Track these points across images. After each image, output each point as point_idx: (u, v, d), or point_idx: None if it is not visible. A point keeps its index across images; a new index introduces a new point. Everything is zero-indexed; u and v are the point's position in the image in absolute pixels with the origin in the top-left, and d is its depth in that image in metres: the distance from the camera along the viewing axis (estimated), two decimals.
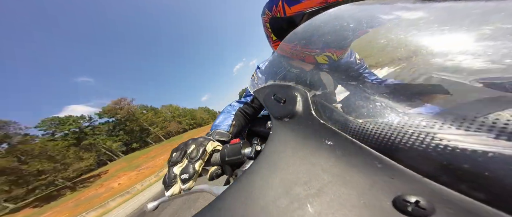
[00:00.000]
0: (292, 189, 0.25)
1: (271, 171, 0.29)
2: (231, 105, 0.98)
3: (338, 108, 0.32)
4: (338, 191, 0.22)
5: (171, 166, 0.49)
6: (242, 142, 0.48)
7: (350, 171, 0.23)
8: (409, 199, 0.18)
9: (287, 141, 0.32)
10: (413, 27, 0.29)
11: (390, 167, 0.21)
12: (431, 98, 0.23)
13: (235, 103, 0.99)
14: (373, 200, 0.20)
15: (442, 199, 0.17)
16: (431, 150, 0.18)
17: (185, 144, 0.51)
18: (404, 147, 0.20)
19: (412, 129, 0.20)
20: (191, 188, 0.47)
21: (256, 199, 0.26)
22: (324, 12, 0.51)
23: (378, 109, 0.25)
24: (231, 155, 0.47)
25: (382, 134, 0.22)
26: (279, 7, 0.78)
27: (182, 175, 0.46)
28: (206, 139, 0.53)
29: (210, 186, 0.47)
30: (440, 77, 0.22)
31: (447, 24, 0.26)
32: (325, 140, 0.27)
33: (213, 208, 0.28)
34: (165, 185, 0.47)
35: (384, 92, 0.26)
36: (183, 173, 0.46)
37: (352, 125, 0.26)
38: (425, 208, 0.17)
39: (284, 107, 0.38)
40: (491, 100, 0.19)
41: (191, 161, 0.47)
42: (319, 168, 0.25)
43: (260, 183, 0.28)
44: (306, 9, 0.71)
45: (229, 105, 0.99)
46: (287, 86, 0.44)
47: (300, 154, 0.29)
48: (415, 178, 0.19)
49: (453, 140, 0.18)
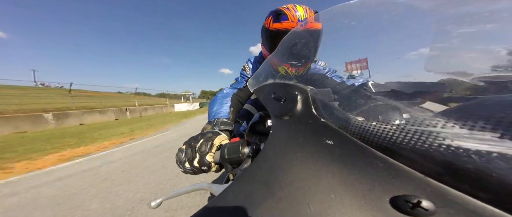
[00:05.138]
0: (292, 188, 0.24)
1: (270, 170, 0.28)
2: (224, 92, 1.03)
3: (338, 107, 0.32)
4: (338, 191, 0.22)
5: (183, 161, 0.53)
6: (241, 141, 0.47)
7: (350, 171, 0.23)
8: (410, 199, 0.18)
9: (287, 140, 0.32)
10: (415, 26, 0.29)
11: (391, 166, 0.21)
12: (434, 97, 0.22)
13: (228, 90, 1.06)
14: (374, 200, 0.20)
15: (444, 199, 0.17)
16: (434, 150, 0.18)
17: (195, 139, 0.55)
18: (405, 147, 0.20)
19: (414, 128, 0.20)
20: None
21: (255, 198, 0.26)
22: (292, 31, 0.60)
23: (379, 108, 0.25)
24: (230, 154, 0.47)
25: (383, 133, 0.22)
26: (268, 20, 0.94)
27: (194, 168, 0.51)
28: (214, 134, 0.56)
29: (210, 184, 0.47)
30: (443, 76, 0.22)
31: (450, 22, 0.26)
32: (325, 139, 0.27)
33: (213, 207, 0.28)
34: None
35: (385, 91, 0.26)
36: (194, 166, 0.51)
37: (353, 124, 0.26)
38: (427, 208, 0.17)
39: (284, 106, 0.38)
40: (495, 100, 0.19)
41: (201, 154, 0.51)
42: (319, 167, 0.25)
43: (259, 182, 0.28)
44: (283, 29, 0.87)
45: (221, 92, 1.04)
46: (287, 84, 0.43)
47: (300, 153, 0.28)
48: (417, 178, 0.19)
49: (457, 140, 0.17)
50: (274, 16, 0.90)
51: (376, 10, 0.40)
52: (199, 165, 0.51)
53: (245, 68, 1.16)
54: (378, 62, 0.35)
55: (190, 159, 0.52)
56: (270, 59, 0.61)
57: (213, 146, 0.52)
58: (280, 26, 0.89)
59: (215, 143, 0.53)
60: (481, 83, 0.20)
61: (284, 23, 0.87)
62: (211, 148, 0.52)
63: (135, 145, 5.47)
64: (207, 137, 0.54)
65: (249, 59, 1.19)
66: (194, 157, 0.51)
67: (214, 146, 0.52)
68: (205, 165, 0.50)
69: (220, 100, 0.94)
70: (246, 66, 1.17)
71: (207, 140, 0.53)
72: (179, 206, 2.14)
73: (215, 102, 0.93)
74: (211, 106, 0.92)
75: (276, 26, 0.90)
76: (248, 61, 1.19)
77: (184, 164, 0.53)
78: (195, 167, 0.51)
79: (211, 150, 0.51)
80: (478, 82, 0.20)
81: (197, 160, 0.51)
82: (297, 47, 0.59)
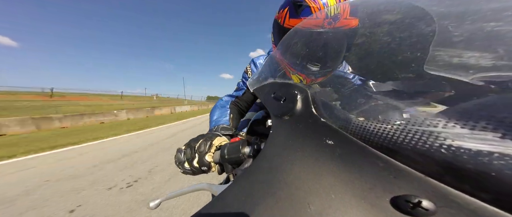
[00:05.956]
0: (292, 188, 0.24)
1: (270, 170, 0.28)
2: (223, 100, 1.01)
3: (339, 106, 0.32)
4: (339, 191, 0.22)
5: (183, 161, 0.53)
6: (241, 141, 0.47)
7: (351, 171, 0.23)
8: (410, 199, 0.18)
9: (287, 140, 0.32)
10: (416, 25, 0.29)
11: (391, 166, 0.20)
12: (435, 97, 0.22)
13: (227, 97, 1.03)
14: (375, 200, 0.20)
15: (445, 199, 0.17)
16: (434, 150, 0.18)
17: (194, 140, 0.54)
18: (406, 146, 0.20)
19: (415, 128, 0.20)
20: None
21: (255, 198, 0.26)
22: (313, 34, 0.48)
23: (380, 107, 0.25)
24: (230, 154, 0.47)
25: (384, 133, 0.22)
26: (282, 13, 0.71)
27: (194, 168, 0.51)
28: (213, 135, 0.56)
29: (210, 185, 0.47)
30: (444, 75, 0.22)
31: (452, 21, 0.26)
32: (326, 139, 0.27)
33: (213, 207, 0.28)
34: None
35: (386, 91, 0.26)
36: (193, 166, 0.51)
37: (353, 123, 0.26)
38: (427, 208, 0.17)
39: (284, 105, 0.38)
40: (496, 99, 0.19)
41: (200, 154, 0.50)
42: (319, 167, 0.25)
43: (259, 182, 0.27)
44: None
45: (221, 100, 1.02)
46: (287, 84, 0.43)
47: (300, 153, 0.28)
48: (417, 178, 0.19)
49: (457, 140, 0.17)
50: (292, 7, 0.66)
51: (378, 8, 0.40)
52: (199, 165, 0.50)
53: (247, 71, 1.02)
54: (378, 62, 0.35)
55: (190, 159, 0.51)
56: (278, 58, 0.53)
57: (212, 146, 0.52)
58: (298, 22, 0.63)
59: (214, 143, 0.53)
60: (482, 83, 0.20)
61: (306, 21, 0.60)
62: (210, 148, 0.51)
63: (189, 120, 13.26)
64: (206, 137, 0.54)
65: (253, 60, 1.03)
66: (193, 158, 0.51)
67: (213, 146, 0.52)
68: (204, 165, 0.50)
69: (220, 109, 0.93)
70: (249, 68, 1.02)
71: (206, 140, 0.52)
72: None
73: (214, 111, 0.93)
74: (212, 115, 0.91)
75: (293, 23, 0.66)
76: (251, 63, 1.02)
77: (183, 164, 0.53)
78: (194, 167, 0.51)
79: (210, 150, 0.51)
80: (479, 82, 0.20)
81: (196, 160, 0.51)
82: (320, 52, 0.46)
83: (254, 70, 1.00)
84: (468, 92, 0.21)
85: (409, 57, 0.27)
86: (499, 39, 0.21)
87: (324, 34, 0.48)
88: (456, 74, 0.21)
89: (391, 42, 0.31)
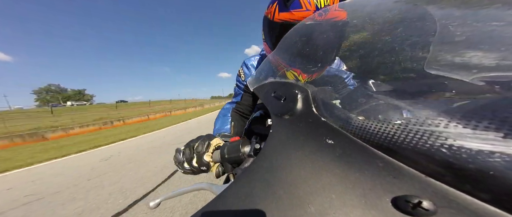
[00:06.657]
0: (292, 188, 0.24)
1: (270, 170, 0.28)
2: (224, 108, 1.01)
3: (339, 106, 0.31)
4: (339, 191, 0.22)
5: (182, 161, 0.53)
6: (241, 140, 0.47)
7: (351, 170, 0.23)
8: (411, 199, 0.17)
9: (287, 139, 0.32)
10: (416, 24, 0.29)
11: (392, 166, 0.20)
12: (437, 96, 0.22)
13: (227, 105, 1.02)
14: (375, 200, 0.19)
15: (445, 199, 0.17)
16: (435, 150, 0.18)
17: (193, 141, 0.54)
18: (407, 146, 0.20)
19: (416, 128, 0.20)
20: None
21: (255, 198, 0.26)
22: (301, 25, 0.47)
23: (380, 107, 0.25)
24: (230, 153, 0.46)
25: (384, 132, 0.22)
26: (272, 8, 0.69)
27: (193, 168, 0.51)
28: (212, 136, 0.56)
29: (210, 184, 0.47)
30: (446, 75, 0.22)
31: (453, 21, 0.25)
32: (326, 139, 0.27)
33: (213, 207, 0.28)
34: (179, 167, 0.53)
35: (387, 90, 0.26)
36: (193, 166, 0.51)
37: (353, 123, 0.25)
38: (428, 208, 0.17)
39: (284, 105, 0.38)
40: (498, 99, 0.18)
41: (199, 154, 0.51)
42: (320, 166, 0.25)
43: (259, 182, 0.27)
44: (293, 20, 0.63)
45: (223, 108, 1.02)
46: (287, 83, 0.43)
47: (300, 152, 0.28)
48: (418, 178, 0.19)
49: (458, 139, 0.17)
50: (281, 1, 0.65)
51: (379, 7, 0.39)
52: (198, 165, 0.51)
53: (240, 74, 0.99)
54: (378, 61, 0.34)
55: (188, 159, 0.52)
56: (272, 57, 0.54)
57: (210, 146, 0.52)
58: (290, 16, 0.63)
59: (212, 143, 0.53)
60: (483, 83, 0.20)
61: (295, 13, 0.62)
62: (208, 147, 0.52)
63: (202, 117, 16.53)
64: (204, 138, 0.54)
65: (244, 62, 0.99)
66: (192, 158, 0.52)
67: (212, 146, 0.53)
68: (203, 165, 0.50)
69: (221, 118, 0.93)
70: (241, 71, 0.99)
71: (204, 141, 0.53)
72: None
73: (217, 119, 0.94)
74: (215, 124, 0.92)
75: (283, 16, 0.65)
76: (243, 65, 0.99)
77: (183, 164, 0.53)
78: (194, 167, 0.52)
79: (208, 149, 0.52)
80: (480, 82, 0.20)
81: (195, 160, 0.51)
82: (312, 46, 0.45)
83: (246, 72, 0.99)
84: (469, 92, 0.21)
85: (409, 56, 0.27)
86: (501, 38, 0.21)
87: (316, 26, 0.47)
88: (457, 74, 0.21)
89: (391, 42, 0.30)
